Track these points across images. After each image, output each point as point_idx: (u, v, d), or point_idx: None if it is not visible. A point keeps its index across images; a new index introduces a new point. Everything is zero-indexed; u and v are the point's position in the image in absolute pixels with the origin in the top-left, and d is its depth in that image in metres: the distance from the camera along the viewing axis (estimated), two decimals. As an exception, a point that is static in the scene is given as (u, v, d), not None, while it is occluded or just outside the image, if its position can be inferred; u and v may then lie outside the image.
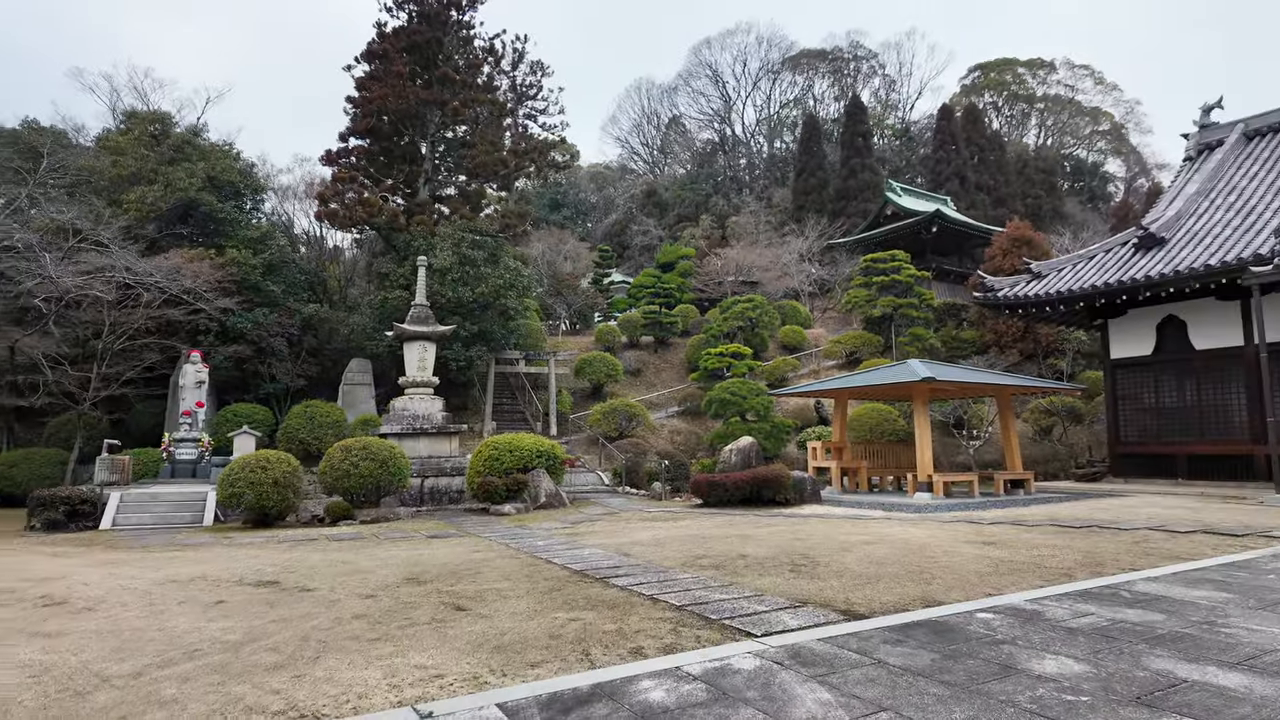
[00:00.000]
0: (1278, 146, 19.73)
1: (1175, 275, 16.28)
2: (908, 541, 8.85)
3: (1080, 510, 12.24)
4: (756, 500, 14.02)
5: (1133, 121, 75.84)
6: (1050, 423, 24.87)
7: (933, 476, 14.35)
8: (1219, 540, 8.68)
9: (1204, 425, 17.41)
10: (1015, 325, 29.37)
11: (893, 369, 15.66)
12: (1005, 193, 57.62)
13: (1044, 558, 7.65)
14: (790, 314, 35.94)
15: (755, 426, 21.74)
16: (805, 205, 53.75)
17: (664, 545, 9.05)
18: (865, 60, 76.87)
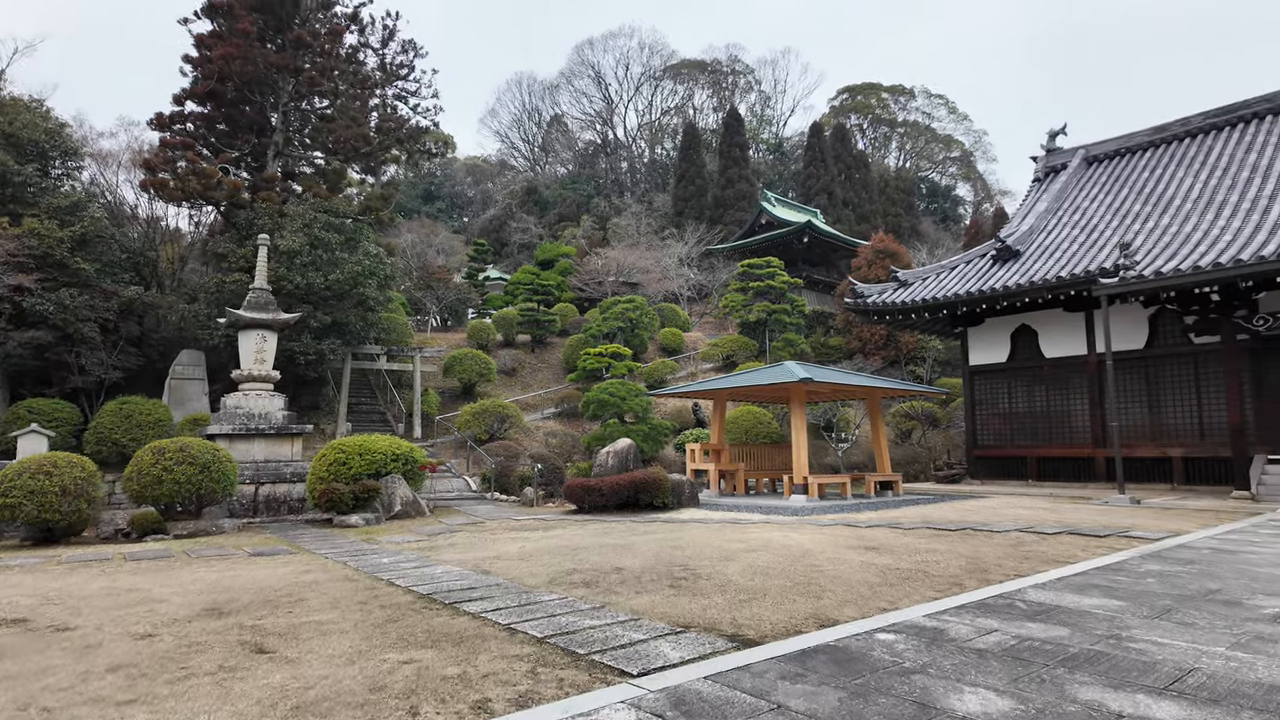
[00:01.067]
0: (1113, 171, 21.40)
1: (1030, 285, 17.12)
2: (790, 548, 8.34)
3: (950, 512, 12.36)
4: (634, 505, 13.28)
5: (980, 150, 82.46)
6: (910, 426, 25.90)
7: (808, 478, 14.19)
8: (1086, 541, 8.77)
9: (1052, 429, 18.46)
10: (879, 332, 30.57)
11: (771, 370, 15.46)
12: (869, 209, 60.75)
13: (929, 564, 7.32)
14: (670, 316, 35.78)
15: (634, 428, 21.09)
16: (685, 211, 54.22)
17: (531, 559, 8.06)
18: (743, 75, 79.08)
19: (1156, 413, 16.73)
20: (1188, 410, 16.24)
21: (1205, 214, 16.44)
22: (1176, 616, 4.92)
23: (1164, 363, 16.66)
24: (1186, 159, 19.62)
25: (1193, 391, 16.19)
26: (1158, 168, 20.08)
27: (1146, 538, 8.96)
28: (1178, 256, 14.70)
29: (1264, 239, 13.82)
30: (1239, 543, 8.38)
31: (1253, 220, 14.98)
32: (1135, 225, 17.63)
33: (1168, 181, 19.10)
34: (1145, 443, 16.51)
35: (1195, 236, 15.50)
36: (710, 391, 16.32)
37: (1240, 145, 18.75)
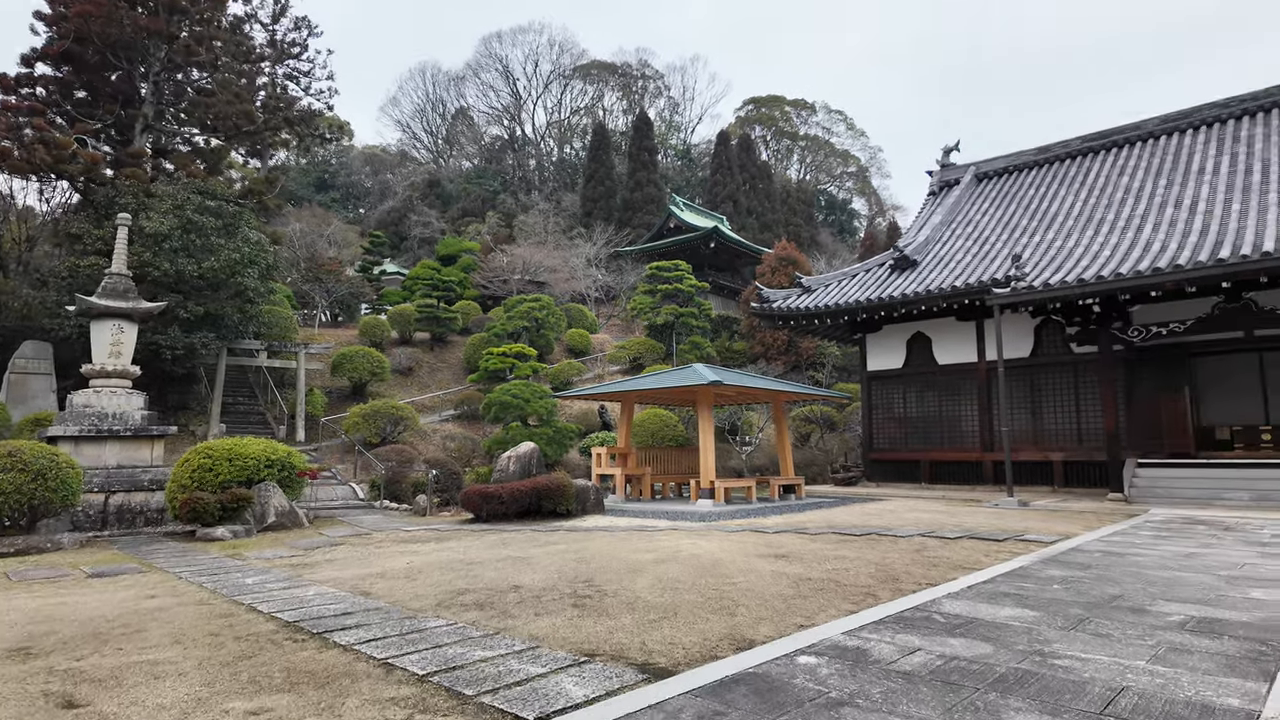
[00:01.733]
0: (1002, 187, 22.50)
1: (927, 294, 17.63)
2: (700, 558, 7.97)
3: (852, 516, 12.40)
4: (536, 512, 12.63)
5: (875, 166, 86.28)
6: (809, 430, 26.41)
7: (715, 483, 13.97)
8: (987, 546, 8.86)
9: (944, 434, 19.11)
10: (782, 338, 31.11)
11: (680, 372, 15.19)
12: (771, 218, 62.25)
13: (840, 572, 7.11)
14: (577, 317, 35.17)
15: (538, 432, 20.37)
16: (593, 212, 53.77)
17: (419, 577, 7.32)
18: (652, 80, 79.48)
19: (1039, 418, 17.59)
20: (1067, 416, 17.14)
21: (1086, 230, 17.43)
22: (1090, 627, 4.82)
23: (1047, 371, 17.54)
24: (1068, 179, 20.84)
25: (1072, 399, 17.10)
26: (1042, 186, 21.25)
27: (1041, 541, 9.16)
28: (1063, 270, 15.45)
29: (1139, 255, 14.70)
30: (1124, 545, 8.67)
31: (1128, 238, 15.96)
32: (1023, 239, 18.51)
33: (1051, 199, 20.22)
34: (1029, 447, 17.30)
35: (1078, 252, 16.37)
36: (618, 394, 15.88)
37: (1114, 168, 20.07)
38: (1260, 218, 14.29)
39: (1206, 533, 9.65)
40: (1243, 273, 12.39)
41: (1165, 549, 8.31)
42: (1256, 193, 15.44)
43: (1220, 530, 9.89)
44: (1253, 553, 7.95)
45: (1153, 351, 15.49)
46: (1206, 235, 14.46)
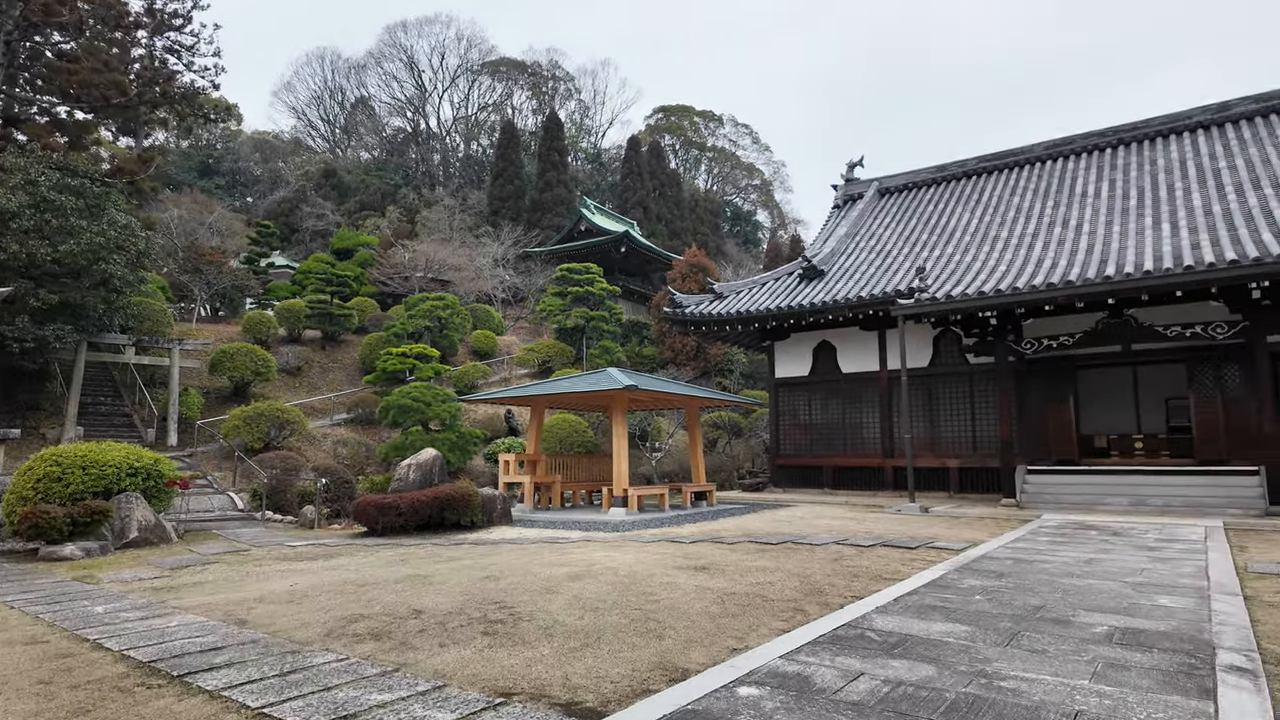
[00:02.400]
0: (903, 202, 23.34)
1: (834, 304, 17.95)
2: (618, 573, 7.54)
3: (765, 524, 12.30)
4: (438, 525, 11.84)
5: (778, 181, 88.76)
6: (717, 436, 26.52)
7: (628, 490, 13.59)
8: (901, 554, 8.86)
9: (847, 440, 19.51)
10: (691, 344, 31.21)
11: (594, 376, 14.73)
12: (680, 226, 62.87)
13: (764, 586, 6.85)
14: (483, 318, 34.07)
15: (440, 437, 19.38)
16: (501, 211, 52.54)
17: (304, 601, 6.53)
18: (563, 81, 78.74)
19: (936, 426, 18.21)
20: (963, 424, 17.83)
21: (983, 246, 18.23)
22: (1024, 642, 4.72)
23: (944, 380, 18.19)
24: (964, 196, 21.83)
25: (968, 407, 17.80)
26: (941, 202, 22.16)
27: (951, 548, 9.27)
28: (962, 283, 16.04)
29: (1031, 271, 15.44)
30: (1029, 552, 8.88)
31: (1020, 254, 16.78)
32: (924, 253, 19.18)
33: (950, 215, 21.09)
34: (927, 454, 17.87)
35: (975, 266, 17.07)
36: (528, 398, 15.26)
37: (1006, 188, 21.17)
38: (1138, 239, 15.31)
39: (1099, 538, 10.07)
40: (1127, 290, 13.17)
41: (1067, 555, 8.55)
42: (1134, 216, 16.57)
43: (1110, 535, 10.35)
44: (1145, 558, 8.28)
45: (1042, 363, 16.32)
46: (1092, 254, 15.36)
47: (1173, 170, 18.21)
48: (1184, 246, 14.08)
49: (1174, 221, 15.62)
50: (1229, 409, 14.47)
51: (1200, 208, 15.84)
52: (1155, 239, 15.06)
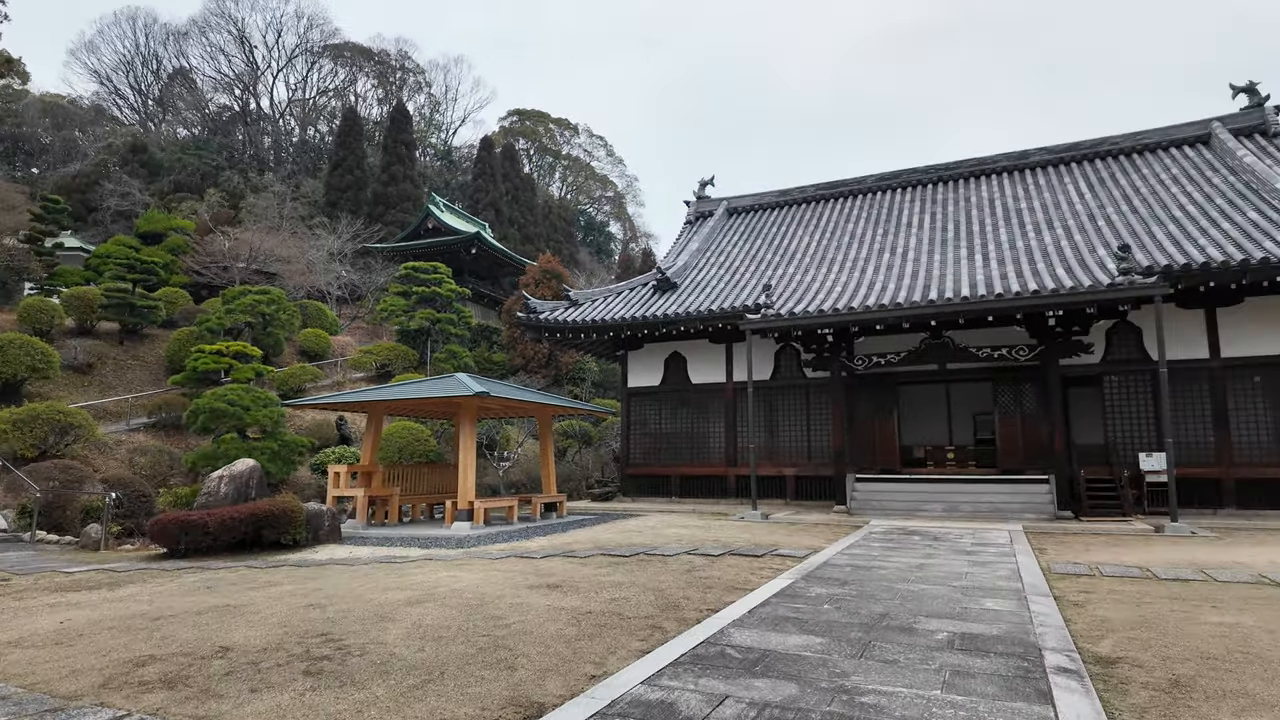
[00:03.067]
0: (750, 223, 24.32)
1: (687, 315, 18.26)
2: (464, 594, 7.01)
3: (616, 535, 12.13)
4: (256, 544, 10.57)
5: (631, 194, 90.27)
6: (567, 445, 26.21)
7: (475, 503, 12.91)
8: (749, 563, 8.98)
9: (694, 449, 19.89)
10: (543, 350, 30.73)
11: (441, 382, 13.90)
12: (534, 231, 62.11)
13: (620, 602, 6.61)
14: (315, 316, 31.56)
15: (260, 445, 17.54)
16: (339, 202, 49.20)
17: (78, 642, 5.44)
18: (413, 73, 75.53)
19: (775, 436, 19.00)
20: (800, 435, 18.72)
21: (821, 268, 19.30)
22: (876, 652, 4.79)
23: (784, 393, 19.04)
24: (805, 221, 23.09)
25: (804, 419, 18.72)
26: (784, 225, 23.30)
27: (795, 555, 9.53)
28: (804, 301, 16.86)
29: (865, 292, 16.52)
30: (865, 558, 9.31)
31: (855, 277, 17.92)
32: (769, 272, 20.02)
33: (792, 237, 22.21)
34: (766, 463, 18.56)
35: (815, 286, 18.02)
36: (365, 403, 14.11)
37: (842, 215, 22.64)
38: (956, 268, 16.83)
39: (922, 543, 10.79)
40: (947, 313, 14.39)
41: (899, 560, 9.04)
42: (952, 247, 18.23)
43: (932, 540, 11.14)
44: (966, 562, 8.93)
45: (871, 379, 17.48)
46: (917, 279, 16.68)
47: (983, 207, 20.28)
48: (994, 276, 15.64)
49: (985, 253, 17.35)
50: (1026, 424, 16.21)
51: (1006, 242, 17.71)
52: (970, 268, 16.63)
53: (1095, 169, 20.47)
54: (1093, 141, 21.40)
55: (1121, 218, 17.34)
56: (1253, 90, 19.69)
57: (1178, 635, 5.24)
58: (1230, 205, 16.05)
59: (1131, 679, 4.23)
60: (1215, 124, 19.63)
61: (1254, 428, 14.78)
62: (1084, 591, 7.05)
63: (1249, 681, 4.12)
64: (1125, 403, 15.82)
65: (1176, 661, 4.55)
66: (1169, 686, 4.07)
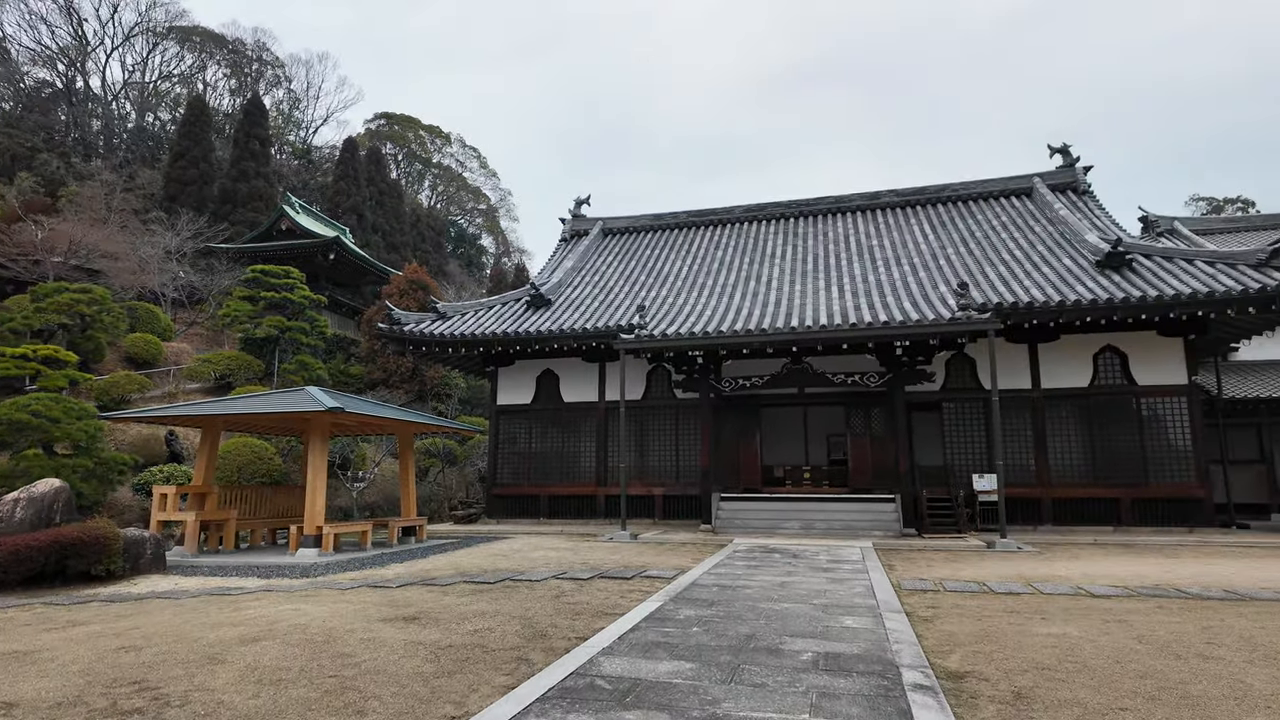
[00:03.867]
0: (624, 245, 24.54)
1: (561, 333, 18.07)
2: (308, 630, 6.40)
3: (481, 559, 11.65)
4: (59, 576, 9.21)
5: (505, 209, 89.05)
6: (429, 464, 25.13)
7: (323, 527, 11.97)
8: (619, 586, 8.86)
9: (564, 469, 19.63)
10: (406, 364, 29.37)
11: (289, 395, 12.82)
12: (400, 240, 59.69)
13: (484, 634, 6.27)
14: (145, 319, 28.50)
15: (71, 463, 15.44)
16: (181, 197, 44.99)
17: None
18: (271, 66, 70.88)
19: (645, 456, 19.13)
20: (669, 455, 18.96)
21: (692, 292, 19.76)
22: (745, 676, 4.79)
23: (655, 413, 19.23)
24: (678, 245, 23.61)
25: (673, 439, 18.98)
26: (658, 248, 23.71)
27: (664, 577, 9.52)
28: (675, 323, 17.15)
29: (733, 317, 17.05)
30: (730, 577, 9.44)
31: (724, 302, 18.48)
32: (643, 293, 20.25)
33: (665, 261, 22.62)
34: (635, 483, 18.63)
35: (686, 309, 18.40)
36: (199, 417, 12.76)
37: (712, 242, 23.34)
38: (815, 298, 17.75)
39: (783, 561, 11.13)
40: (808, 339, 15.11)
41: (762, 579, 9.25)
42: (812, 278, 19.22)
43: (791, 558, 11.51)
44: (824, 579, 9.26)
45: (736, 401, 18.01)
46: (780, 307, 17.43)
47: (840, 243, 21.58)
48: (849, 307, 16.61)
49: (841, 285, 18.42)
50: (875, 446, 17.27)
51: (860, 276, 18.90)
52: (828, 299, 17.59)
53: (938, 212, 22.37)
54: (936, 187, 23.41)
55: (960, 258, 19.01)
56: (1066, 151, 22.32)
57: (1016, 648, 5.63)
58: (1049, 252, 18.02)
59: (979, 693, 4.46)
60: (1036, 179, 22.04)
61: (1067, 452, 16.55)
62: (931, 607, 7.48)
63: (1079, 690, 4.46)
64: (961, 428, 17.24)
65: (1017, 673, 4.87)
66: (1012, 698, 4.32)
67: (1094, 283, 15.76)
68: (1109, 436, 16.37)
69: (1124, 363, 16.53)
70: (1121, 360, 16.55)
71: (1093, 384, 16.66)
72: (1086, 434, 16.51)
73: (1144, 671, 4.90)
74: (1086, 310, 14.88)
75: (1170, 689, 4.50)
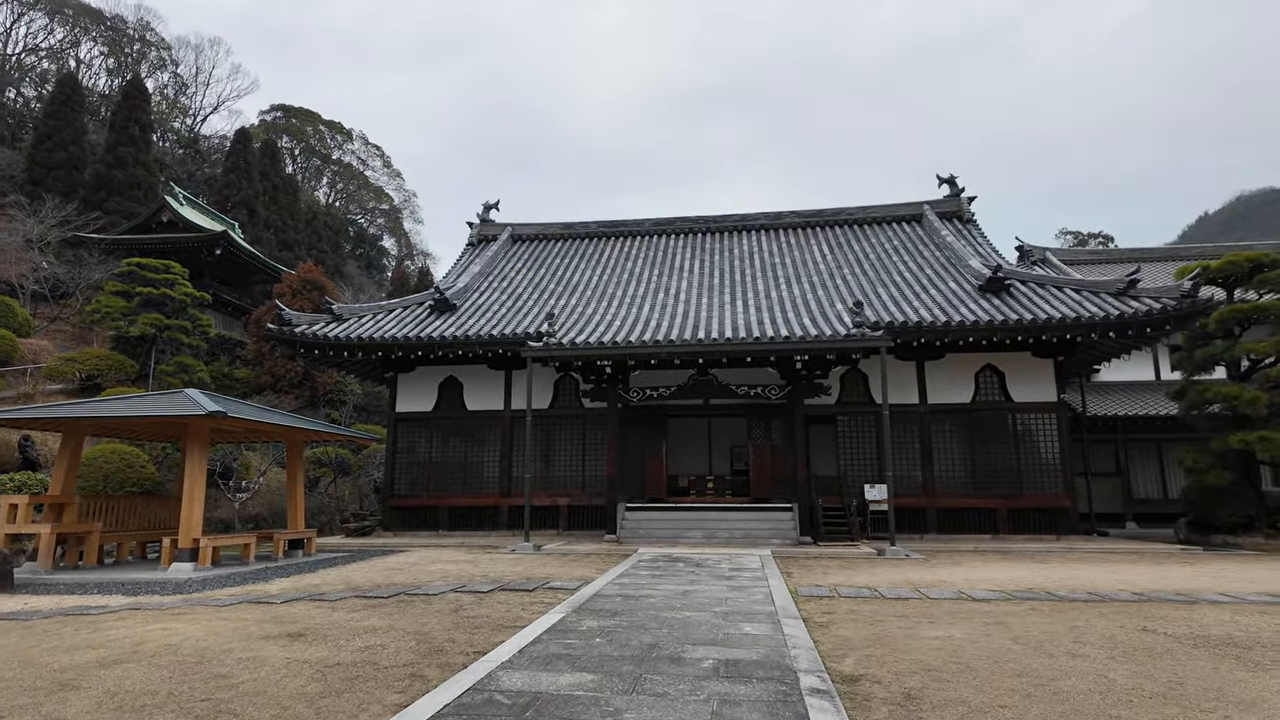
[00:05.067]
0: (534, 252, 24.31)
1: (466, 339, 17.64)
2: (179, 650, 5.91)
3: (375, 573, 11.14)
4: (-127, 600, 8.11)
5: (409, 210, 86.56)
6: (320, 474, 23.92)
7: (200, 540, 11.13)
8: (521, 598, 8.67)
9: (467, 479, 19.12)
10: (296, 368, 27.93)
11: (165, 398, 11.86)
12: (294, 238, 56.92)
13: (375, 650, 5.97)
14: (1, 313, 25.85)
15: (-105, 470, 13.73)
16: (47, 182, 41.24)
17: None
18: (156, 48, 66.42)
19: (551, 466, 18.90)
20: (575, 464, 18.80)
21: (602, 301, 19.76)
22: (648, 686, 4.77)
23: (561, 422, 19.05)
24: (588, 255, 23.58)
25: (580, 449, 18.85)
26: (568, 257, 23.60)
27: (567, 588, 9.40)
28: (585, 332, 17.09)
29: (642, 328, 17.16)
30: (634, 587, 9.43)
31: (634, 313, 18.57)
32: (552, 301, 20.08)
33: (575, 270, 22.54)
34: (540, 493, 18.35)
35: (595, 318, 18.37)
36: (59, 420, 11.62)
37: (622, 254, 23.46)
38: (721, 311, 18.12)
39: (686, 570, 11.22)
40: (713, 351, 15.40)
41: (665, 588, 9.28)
42: (718, 292, 19.63)
43: (694, 567, 11.63)
44: (725, 587, 9.40)
45: (643, 411, 18.11)
46: (688, 319, 17.69)
47: (744, 259, 22.16)
48: (753, 321, 17.06)
49: (745, 300, 18.90)
50: (774, 456, 17.76)
51: (763, 291, 19.45)
52: (733, 312, 18.00)
53: (835, 234, 23.37)
54: (833, 210, 24.46)
55: (855, 278, 19.90)
56: (953, 181, 23.82)
57: (905, 650, 5.88)
58: (937, 276, 19.14)
59: (872, 695, 4.61)
60: (925, 207, 23.41)
61: (950, 464, 17.55)
62: (827, 612, 7.71)
63: (964, 690, 4.69)
64: (854, 439, 17.98)
65: (906, 675, 5.07)
66: (903, 700, 4.49)
67: (976, 305, 16.85)
68: (988, 450, 17.49)
69: (1002, 381, 17.74)
70: (1000, 379, 17.76)
71: (974, 400, 17.78)
72: (968, 447, 17.57)
73: (1020, 670, 5.21)
74: (969, 331, 15.87)
75: (1044, 685, 4.80)
